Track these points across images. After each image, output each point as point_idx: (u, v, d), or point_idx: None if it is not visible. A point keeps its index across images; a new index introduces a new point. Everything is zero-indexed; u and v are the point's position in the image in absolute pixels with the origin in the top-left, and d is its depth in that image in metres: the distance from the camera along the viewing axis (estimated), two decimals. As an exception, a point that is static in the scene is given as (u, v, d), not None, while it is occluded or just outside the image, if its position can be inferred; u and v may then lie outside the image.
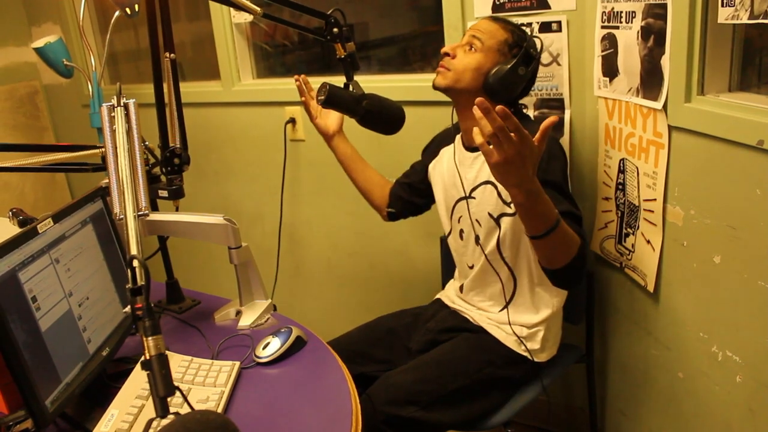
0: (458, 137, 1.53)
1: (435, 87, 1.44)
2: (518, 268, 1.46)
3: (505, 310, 1.49)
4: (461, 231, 1.54)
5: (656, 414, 1.52)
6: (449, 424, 1.39)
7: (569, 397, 1.97)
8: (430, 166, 1.62)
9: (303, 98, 1.66)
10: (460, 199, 1.51)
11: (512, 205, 1.37)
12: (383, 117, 1.42)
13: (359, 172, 1.73)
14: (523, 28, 1.48)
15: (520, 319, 1.48)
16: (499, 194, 1.41)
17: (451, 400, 1.38)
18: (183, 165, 1.34)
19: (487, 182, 1.43)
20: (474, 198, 1.47)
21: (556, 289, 1.47)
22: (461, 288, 1.59)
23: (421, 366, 1.43)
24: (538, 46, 1.43)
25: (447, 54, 1.42)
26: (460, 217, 1.53)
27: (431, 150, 1.64)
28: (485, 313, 1.53)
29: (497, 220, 1.43)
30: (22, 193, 2.66)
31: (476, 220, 1.47)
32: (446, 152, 1.57)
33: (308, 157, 2.17)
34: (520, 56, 1.36)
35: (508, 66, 1.36)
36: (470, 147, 1.48)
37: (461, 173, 1.49)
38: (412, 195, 1.69)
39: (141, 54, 2.66)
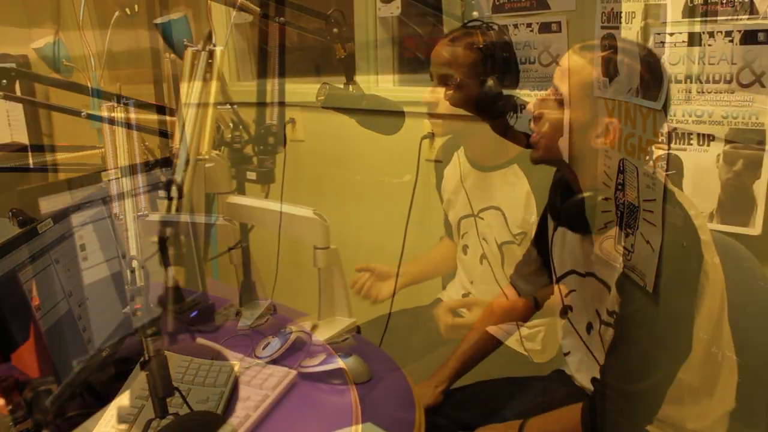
0: (459, 152, 1.51)
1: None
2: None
3: None
4: (465, 246, 1.53)
5: (656, 414, 1.51)
6: (451, 424, 1.38)
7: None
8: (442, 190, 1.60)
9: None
10: (467, 215, 1.50)
11: (517, 236, 1.38)
12: (382, 117, 1.42)
13: (436, 274, 1.73)
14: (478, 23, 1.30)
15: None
16: (505, 221, 1.39)
17: (454, 400, 1.38)
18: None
19: (496, 208, 1.42)
20: (483, 219, 1.46)
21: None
22: (464, 296, 1.59)
23: (422, 366, 1.42)
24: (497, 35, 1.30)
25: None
26: (466, 233, 1.51)
27: (439, 177, 1.62)
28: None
29: (500, 248, 1.42)
30: (22, 193, 2.65)
31: (483, 239, 1.47)
32: (449, 170, 1.56)
33: (308, 157, 2.17)
34: (499, 65, 1.28)
35: (491, 83, 1.24)
36: (478, 165, 1.46)
37: (467, 189, 1.47)
38: None
39: (141, 54, 2.65)
